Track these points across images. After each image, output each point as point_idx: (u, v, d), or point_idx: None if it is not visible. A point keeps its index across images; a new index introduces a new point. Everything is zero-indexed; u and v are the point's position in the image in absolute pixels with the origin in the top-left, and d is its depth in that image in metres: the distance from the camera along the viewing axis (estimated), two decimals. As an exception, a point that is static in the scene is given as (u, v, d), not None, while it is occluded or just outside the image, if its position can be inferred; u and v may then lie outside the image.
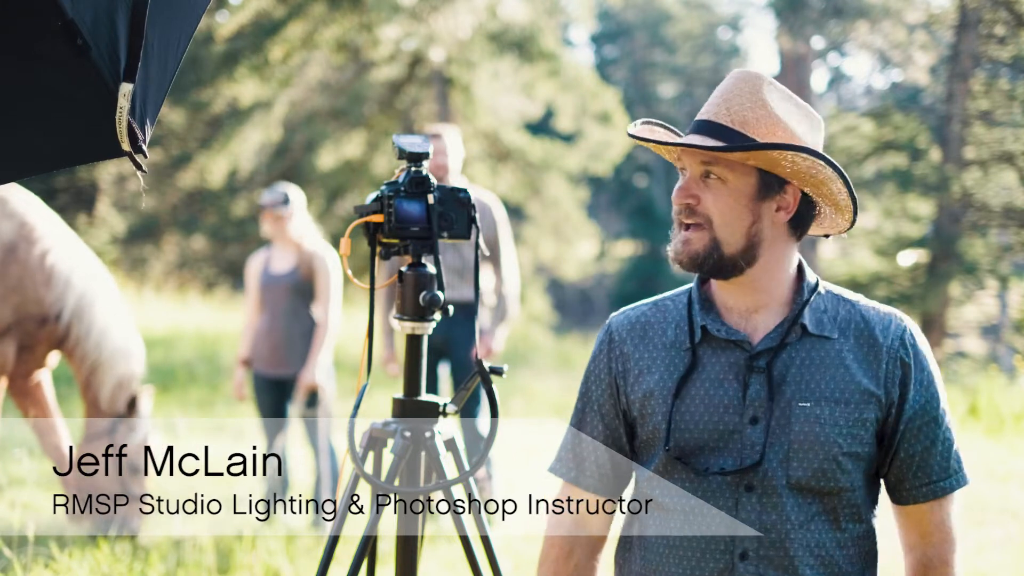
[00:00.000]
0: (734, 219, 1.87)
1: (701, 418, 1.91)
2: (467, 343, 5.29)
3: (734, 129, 1.86)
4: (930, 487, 1.92)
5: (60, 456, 5.06)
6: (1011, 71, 12.71)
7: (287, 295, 5.43)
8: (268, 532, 4.82)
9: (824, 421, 1.87)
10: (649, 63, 32.05)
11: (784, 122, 1.87)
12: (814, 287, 1.95)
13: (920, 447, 1.91)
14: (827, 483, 1.87)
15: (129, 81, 1.68)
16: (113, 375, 4.99)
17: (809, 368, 1.89)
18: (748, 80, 1.91)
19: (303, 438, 5.56)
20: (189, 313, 14.15)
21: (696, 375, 1.94)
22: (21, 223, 4.76)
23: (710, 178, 1.87)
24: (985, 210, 12.68)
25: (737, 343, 1.92)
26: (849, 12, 14.59)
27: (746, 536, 1.88)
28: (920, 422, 1.91)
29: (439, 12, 15.98)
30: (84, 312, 4.88)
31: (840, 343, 1.91)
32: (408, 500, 2.33)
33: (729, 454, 1.89)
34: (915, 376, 1.90)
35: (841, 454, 1.86)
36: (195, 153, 19.41)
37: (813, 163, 1.85)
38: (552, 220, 19.30)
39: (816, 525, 1.88)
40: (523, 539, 5.07)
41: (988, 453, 7.03)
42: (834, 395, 1.88)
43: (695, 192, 1.88)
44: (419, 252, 2.35)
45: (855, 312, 1.94)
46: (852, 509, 1.90)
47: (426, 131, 5.78)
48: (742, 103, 1.88)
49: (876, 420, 1.88)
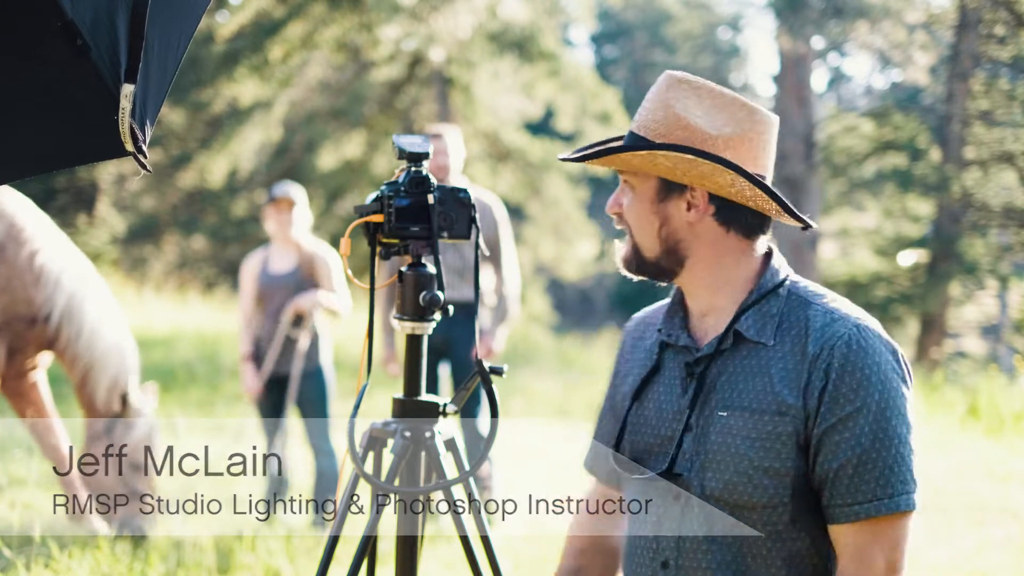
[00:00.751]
0: (644, 223, 1.88)
1: (649, 422, 1.92)
2: (467, 343, 5.29)
3: (638, 135, 1.84)
4: (842, 509, 1.75)
5: (59, 456, 5.05)
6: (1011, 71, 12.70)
7: (287, 296, 5.42)
8: (268, 532, 4.82)
9: (736, 432, 1.79)
10: (649, 63, 32.03)
11: (685, 119, 1.80)
12: (771, 288, 1.85)
13: (836, 464, 1.74)
14: (739, 496, 1.77)
15: (130, 82, 1.69)
16: (106, 375, 4.98)
17: (737, 376, 1.82)
18: (661, 83, 1.87)
19: (303, 438, 5.56)
20: (189, 313, 14.15)
21: (656, 378, 1.94)
22: (10, 224, 4.74)
23: (625, 185, 1.91)
24: (985, 210, 12.68)
25: (687, 348, 1.90)
26: (849, 12, 14.58)
27: (667, 545, 1.85)
28: (838, 437, 1.73)
29: (439, 12, 15.98)
30: (74, 313, 4.86)
31: (774, 351, 1.81)
32: (408, 500, 2.32)
33: (664, 460, 1.87)
34: (835, 386, 1.74)
35: (751, 468, 1.76)
36: (195, 153, 19.40)
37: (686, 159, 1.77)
38: (552, 220, 19.28)
39: (734, 541, 1.78)
40: (523, 539, 5.07)
41: (988, 453, 7.03)
42: (751, 405, 1.79)
43: (619, 200, 1.92)
44: (419, 252, 2.34)
45: (803, 316, 1.82)
46: (780, 528, 1.77)
47: (427, 131, 5.78)
48: (650, 107, 1.85)
49: (796, 432, 1.76)
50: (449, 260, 5.26)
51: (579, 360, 13.89)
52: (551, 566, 4.87)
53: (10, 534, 4.49)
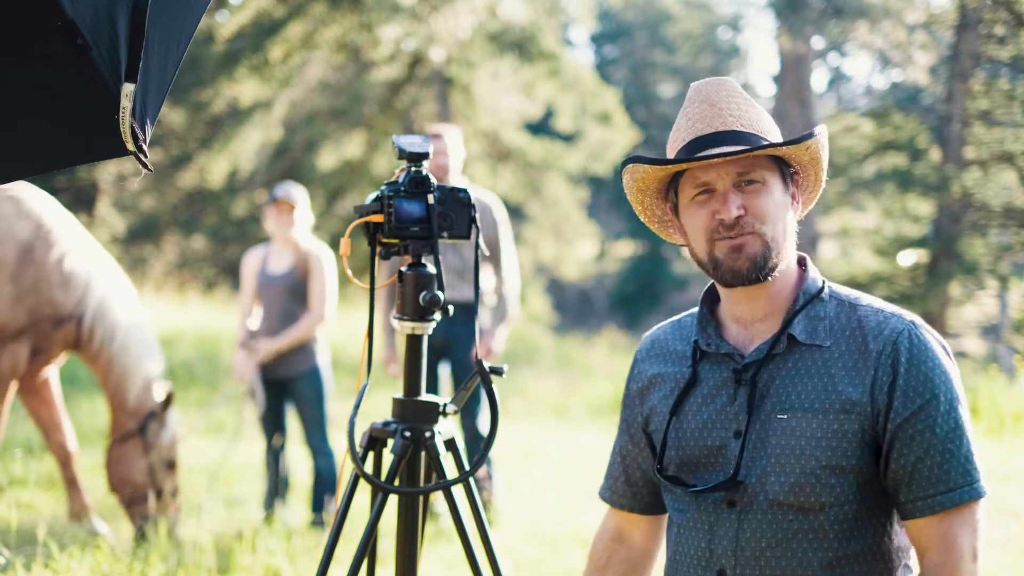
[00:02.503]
0: (779, 217, 1.86)
1: (693, 434, 1.90)
2: (467, 343, 5.30)
3: (748, 132, 1.85)
4: (926, 501, 1.77)
5: (64, 455, 5.07)
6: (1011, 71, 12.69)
7: (283, 296, 5.43)
8: (268, 532, 4.82)
9: (800, 433, 1.79)
10: (649, 63, 32.02)
11: (766, 114, 1.90)
12: (815, 293, 1.89)
13: (913, 456, 1.77)
14: (807, 498, 1.78)
15: (131, 81, 1.69)
16: (140, 375, 5.05)
17: (793, 379, 1.83)
18: (728, 86, 1.89)
19: (302, 438, 5.55)
20: (189, 313, 14.14)
21: (695, 391, 1.93)
22: (38, 224, 4.77)
23: (751, 184, 1.83)
24: (985, 210, 12.66)
25: (729, 356, 1.89)
26: (849, 12, 14.57)
27: (723, 553, 1.84)
28: (912, 430, 1.77)
29: (439, 12, 15.97)
30: (107, 314, 4.91)
31: (832, 351, 1.83)
32: (408, 500, 2.32)
33: (717, 469, 1.87)
34: (905, 380, 1.78)
35: (820, 467, 1.77)
36: (195, 153, 19.41)
37: (821, 146, 1.85)
38: (552, 220, 19.29)
39: (798, 543, 1.79)
40: (523, 539, 5.07)
41: (988, 453, 7.02)
42: (813, 406, 1.80)
43: (740, 203, 1.82)
44: (419, 252, 2.34)
45: (854, 317, 1.86)
46: (844, 525, 1.79)
47: (427, 131, 5.78)
48: (740, 106, 1.87)
49: (861, 430, 1.78)
50: (449, 260, 5.27)
51: (579, 360, 13.89)
52: (551, 566, 4.88)
53: (10, 534, 4.49)
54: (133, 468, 4.91)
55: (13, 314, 4.65)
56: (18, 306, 4.66)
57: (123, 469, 4.92)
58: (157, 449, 5.00)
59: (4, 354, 4.65)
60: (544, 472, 6.82)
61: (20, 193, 4.81)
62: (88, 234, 5.12)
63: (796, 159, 1.87)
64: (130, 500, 4.94)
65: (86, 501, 5.05)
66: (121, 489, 4.94)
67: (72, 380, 8.52)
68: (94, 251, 5.02)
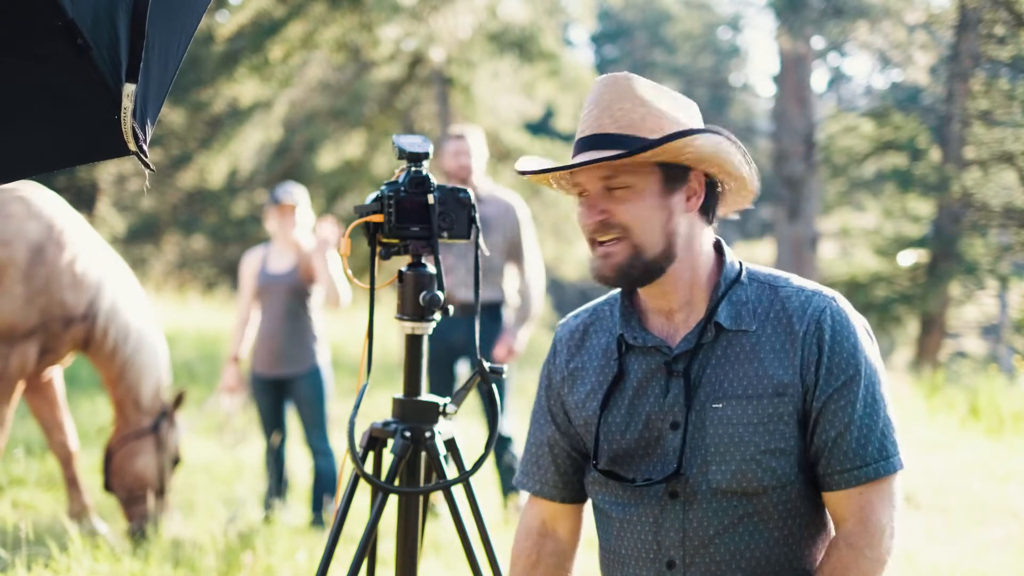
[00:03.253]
0: (650, 221, 1.83)
1: (627, 428, 1.90)
2: (487, 342, 5.33)
3: (625, 135, 1.82)
4: (844, 475, 1.80)
5: (66, 454, 5.08)
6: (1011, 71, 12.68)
7: (286, 296, 5.42)
8: (268, 532, 4.82)
9: (736, 421, 1.81)
10: (649, 63, 32.01)
11: (665, 112, 1.85)
12: (734, 278, 1.90)
13: (833, 432, 1.80)
14: (749, 484, 1.80)
15: (131, 81, 1.69)
16: (154, 374, 5.11)
17: (723, 367, 1.84)
18: (618, 83, 1.88)
19: (302, 438, 5.55)
20: (189, 313, 14.14)
21: (623, 385, 1.92)
22: (49, 225, 4.79)
23: (615, 190, 1.83)
24: (985, 210, 12.66)
25: (656, 348, 1.89)
26: (849, 12, 14.57)
27: (671, 544, 1.84)
28: (835, 406, 1.80)
29: (439, 12, 15.96)
30: (119, 315, 4.96)
31: (758, 335, 1.85)
32: (408, 500, 2.32)
33: (655, 462, 1.87)
34: (829, 358, 1.81)
35: (759, 452, 1.80)
36: (195, 153, 19.40)
37: (718, 141, 1.82)
38: (552, 220, 19.27)
39: (744, 528, 1.81)
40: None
41: (988, 453, 7.02)
42: (746, 392, 1.82)
43: (604, 207, 1.84)
44: (419, 252, 2.34)
45: (776, 299, 1.87)
46: (787, 505, 1.82)
47: (449, 132, 5.80)
48: (622, 107, 1.85)
49: (795, 411, 1.81)
50: (470, 262, 5.28)
51: (579, 360, 13.86)
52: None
53: (10, 534, 4.49)
54: (145, 466, 4.97)
55: (25, 314, 4.68)
56: (29, 307, 4.69)
57: (136, 466, 4.97)
58: (168, 447, 5.08)
59: (13, 353, 4.67)
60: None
61: (30, 194, 4.83)
62: (97, 234, 5.14)
63: (688, 160, 1.83)
64: (130, 499, 4.96)
65: (86, 501, 5.05)
66: (129, 487, 4.97)
67: (72, 380, 8.51)
68: (104, 252, 5.04)
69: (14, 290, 4.67)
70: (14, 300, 4.67)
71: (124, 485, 4.99)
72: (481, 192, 5.42)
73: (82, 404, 8.10)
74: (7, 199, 4.75)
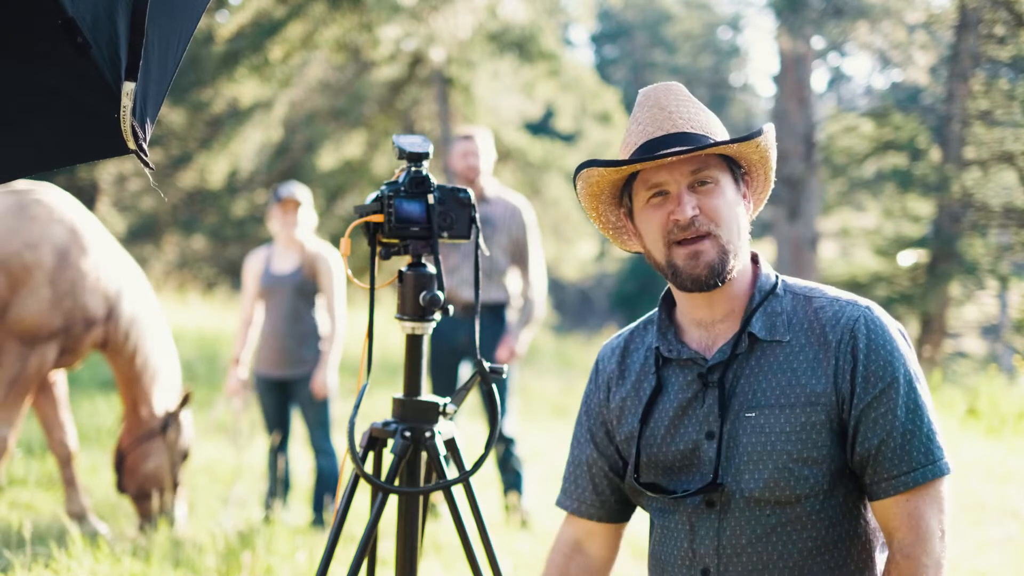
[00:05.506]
0: (733, 217, 1.86)
1: (665, 440, 1.92)
2: (491, 343, 5.33)
3: (698, 133, 1.86)
4: (890, 481, 1.80)
5: (66, 454, 5.09)
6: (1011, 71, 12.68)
7: (290, 296, 5.42)
8: (268, 532, 4.82)
9: (769, 430, 1.82)
10: (649, 63, 32.02)
11: (715, 117, 1.92)
12: (769, 289, 1.91)
13: (876, 440, 1.80)
14: (782, 492, 1.81)
15: (131, 80, 1.68)
16: (167, 375, 5.16)
17: (757, 377, 1.85)
18: (672, 90, 1.92)
19: (303, 438, 5.55)
20: (189, 313, 14.14)
21: (661, 398, 1.94)
22: (72, 228, 4.83)
23: (704, 184, 1.84)
24: (985, 210, 12.65)
25: (692, 360, 1.90)
26: (849, 12, 14.56)
27: (705, 552, 1.86)
28: (875, 414, 1.80)
29: (439, 12, 15.97)
30: (139, 317, 5.01)
31: (792, 346, 1.85)
32: (408, 500, 2.32)
33: (692, 472, 1.89)
34: (865, 366, 1.81)
35: (791, 461, 1.80)
36: (195, 153, 19.40)
37: (769, 144, 1.87)
38: (552, 220, 19.28)
39: (778, 536, 1.82)
40: (523, 539, 5.07)
41: (988, 453, 7.02)
42: (779, 401, 1.82)
43: (695, 203, 1.83)
44: (419, 252, 2.34)
45: (810, 309, 1.88)
46: (821, 514, 1.82)
47: (458, 133, 5.81)
48: (688, 109, 1.88)
49: (828, 420, 1.81)
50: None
51: (579, 360, 13.88)
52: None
53: (10, 534, 4.49)
54: (158, 466, 5.04)
55: (50, 317, 4.71)
56: (55, 310, 4.71)
57: (149, 467, 5.02)
58: (177, 446, 5.13)
59: (33, 355, 4.70)
60: (544, 472, 6.81)
61: (48, 195, 4.87)
62: (111, 236, 5.16)
63: (746, 158, 1.89)
64: (142, 496, 5.02)
65: (84, 501, 5.05)
66: (142, 486, 5.01)
67: (72, 380, 8.51)
68: (121, 255, 5.08)
69: (40, 292, 4.69)
70: (40, 303, 4.69)
71: (138, 485, 5.04)
72: (488, 193, 5.43)
73: (82, 404, 8.09)
74: (28, 201, 4.78)
